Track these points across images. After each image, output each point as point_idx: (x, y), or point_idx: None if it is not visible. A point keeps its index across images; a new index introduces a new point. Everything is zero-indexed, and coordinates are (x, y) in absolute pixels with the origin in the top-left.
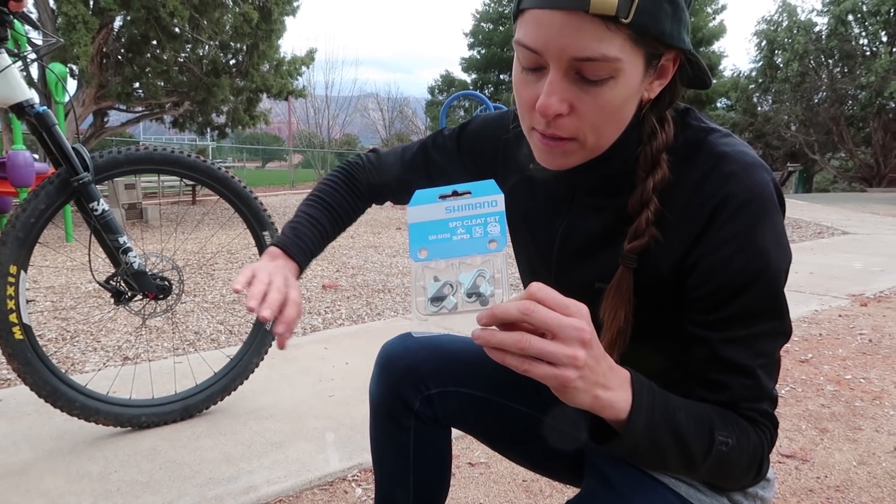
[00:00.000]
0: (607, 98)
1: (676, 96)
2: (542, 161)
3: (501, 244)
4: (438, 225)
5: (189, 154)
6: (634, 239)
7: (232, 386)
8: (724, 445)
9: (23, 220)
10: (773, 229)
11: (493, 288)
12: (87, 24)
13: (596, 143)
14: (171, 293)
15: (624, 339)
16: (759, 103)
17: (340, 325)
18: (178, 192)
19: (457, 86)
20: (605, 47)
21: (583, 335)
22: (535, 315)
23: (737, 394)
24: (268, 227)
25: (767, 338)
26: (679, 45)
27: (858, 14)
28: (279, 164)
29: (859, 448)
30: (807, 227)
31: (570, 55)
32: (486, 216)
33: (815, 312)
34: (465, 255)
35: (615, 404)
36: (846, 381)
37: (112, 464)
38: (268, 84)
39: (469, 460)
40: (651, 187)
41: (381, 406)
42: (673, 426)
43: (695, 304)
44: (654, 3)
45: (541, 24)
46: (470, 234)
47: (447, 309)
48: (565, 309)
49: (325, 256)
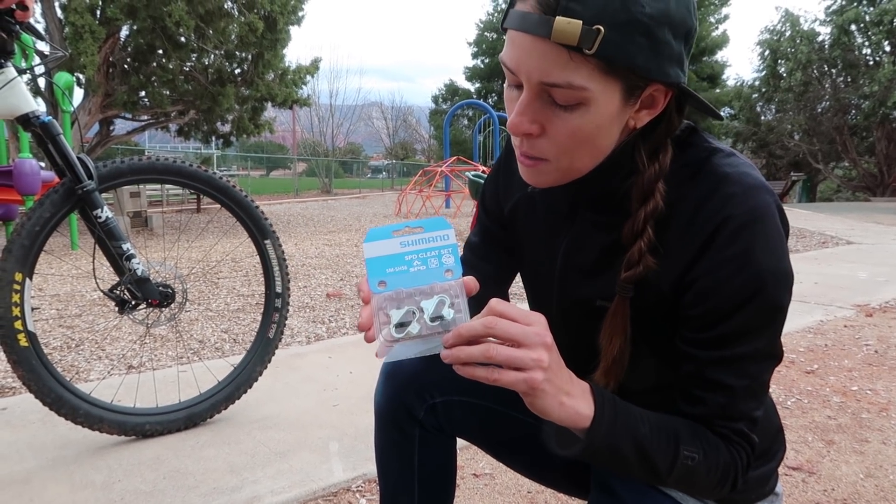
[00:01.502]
0: (576, 124)
1: (674, 127)
2: (523, 176)
3: (457, 273)
4: (395, 259)
5: (191, 164)
6: (629, 268)
7: (236, 394)
8: (690, 460)
9: (28, 229)
10: (772, 252)
11: (454, 312)
12: (94, 34)
13: (570, 167)
14: (175, 301)
15: (621, 368)
16: (763, 112)
17: (345, 335)
18: (183, 200)
19: (460, 95)
20: (570, 76)
21: (545, 339)
22: (498, 328)
23: (712, 410)
24: (269, 235)
25: (755, 360)
26: (660, 78)
27: (861, 24)
28: (283, 172)
29: (866, 460)
30: (811, 236)
31: (537, 78)
32: (440, 248)
33: (820, 323)
34: (423, 284)
35: (579, 411)
36: (852, 392)
37: (116, 473)
38: (272, 93)
39: (473, 471)
40: (643, 218)
41: (385, 415)
42: (635, 438)
43: (688, 322)
44: (623, 36)
45: (515, 45)
46: (426, 265)
47: (412, 334)
48: (525, 319)
49: (330, 265)
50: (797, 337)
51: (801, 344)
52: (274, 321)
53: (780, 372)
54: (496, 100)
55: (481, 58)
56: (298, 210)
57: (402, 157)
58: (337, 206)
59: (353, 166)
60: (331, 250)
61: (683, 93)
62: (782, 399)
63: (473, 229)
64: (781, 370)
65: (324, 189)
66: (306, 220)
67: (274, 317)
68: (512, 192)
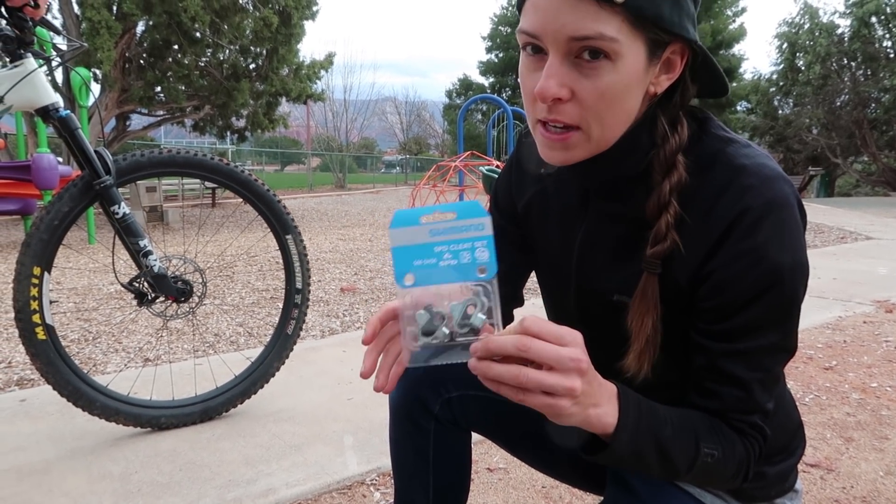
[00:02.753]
0: (606, 82)
1: (688, 96)
2: (545, 156)
3: (491, 271)
4: (423, 249)
5: (212, 157)
6: (656, 244)
7: (252, 389)
8: (710, 457)
9: (47, 223)
10: (789, 245)
11: (484, 317)
12: (111, 30)
13: (601, 135)
14: (192, 296)
15: (654, 349)
16: (780, 106)
17: (359, 329)
18: (199, 194)
19: (474, 89)
20: (602, 26)
21: (580, 365)
22: (532, 351)
23: (728, 404)
24: (291, 230)
25: (769, 353)
26: (681, 32)
27: (882, 16)
28: (298, 167)
29: (886, 458)
30: (829, 231)
31: (567, 34)
32: (474, 240)
33: (838, 319)
34: (453, 282)
35: (602, 419)
36: (872, 389)
37: (133, 464)
38: (287, 88)
39: (488, 465)
40: (668, 190)
41: (400, 409)
42: (658, 440)
43: (703, 314)
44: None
45: (539, 9)
46: (457, 259)
47: (438, 340)
48: (560, 340)
49: (344, 260)
50: (815, 333)
51: (820, 340)
52: (293, 317)
53: (799, 368)
54: (510, 94)
55: (495, 52)
56: (312, 205)
57: (416, 151)
58: (351, 201)
59: (366, 161)
60: (345, 245)
61: (696, 56)
62: (801, 395)
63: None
64: (800, 366)
65: (338, 184)
66: (320, 214)
67: (293, 313)
68: (525, 188)
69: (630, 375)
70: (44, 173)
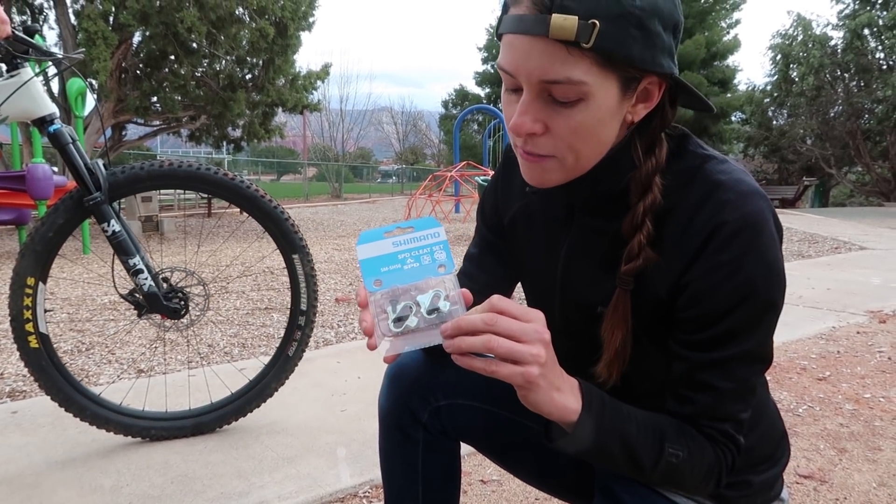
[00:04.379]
0: (579, 119)
1: (667, 120)
2: (526, 177)
3: (450, 267)
4: (388, 258)
5: (216, 170)
6: (629, 261)
7: (247, 408)
8: (675, 458)
9: (41, 234)
10: (764, 258)
11: (450, 305)
12: (107, 40)
13: (575, 163)
14: (187, 312)
15: (623, 360)
16: (775, 117)
17: (353, 339)
18: (195, 204)
19: (470, 100)
20: (569, 71)
21: (543, 336)
22: (499, 325)
23: (699, 411)
24: (298, 249)
25: (744, 362)
26: (654, 69)
27: (875, 28)
28: (294, 176)
29: (879, 469)
30: (823, 241)
31: (537, 77)
32: (432, 245)
33: (832, 329)
34: (418, 279)
35: (567, 406)
36: (865, 399)
37: (124, 477)
38: (283, 98)
39: (481, 477)
40: (641, 211)
41: (389, 418)
42: (622, 434)
43: (681, 324)
44: (617, 29)
45: (513, 48)
46: (419, 262)
47: (410, 327)
48: (525, 316)
49: (339, 270)
50: (809, 343)
51: (814, 350)
52: (296, 339)
53: (792, 379)
54: None
55: (491, 63)
56: (308, 214)
57: (412, 161)
58: (347, 211)
59: (363, 171)
60: (340, 255)
61: (677, 84)
62: (794, 406)
63: (473, 241)
64: (793, 377)
65: (334, 194)
66: (316, 224)
67: (296, 335)
68: (511, 202)
69: (600, 382)
70: (38, 183)
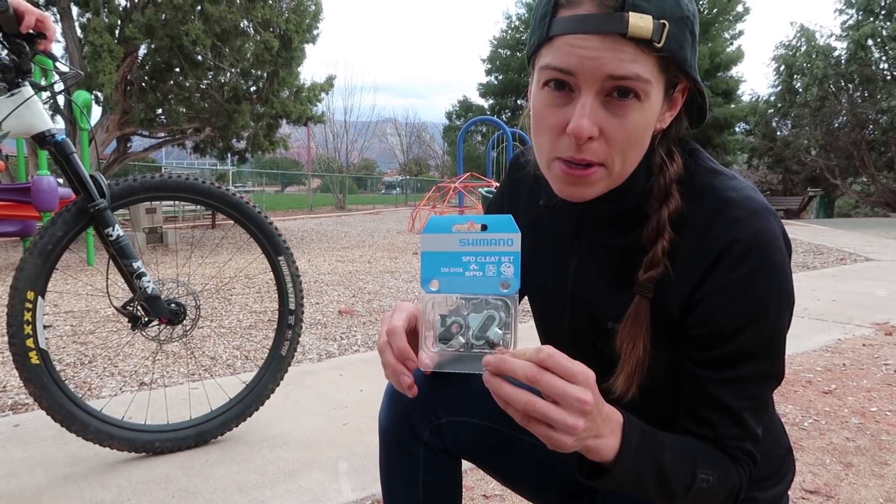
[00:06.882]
0: (634, 121)
1: (682, 129)
2: (563, 193)
3: (514, 287)
4: (451, 257)
5: (204, 181)
6: (651, 268)
7: (247, 412)
8: (706, 483)
9: (40, 247)
10: (775, 276)
11: (501, 332)
12: (112, 53)
13: (621, 170)
14: (186, 318)
15: (642, 370)
16: (779, 128)
17: (356, 352)
18: (198, 216)
19: (474, 111)
20: (639, 68)
21: (585, 406)
22: (542, 384)
23: (722, 433)
24: (283, 252)
25: (757, 380)
26: (694, 74)
27: (878, 39)
28: (298, 188)
29: (886, 484)
30: (828, 253)
31: (606, 73)
32: (501, 255)
33: (837, 342)
34: (475, 293)
35: (602, 450)
36: (871, 413)
37: (125, 491)
38: (287, 110)
39: (484, 492)
40: (665, 216)
41: (389, 435)
42: (658, 467)
43: (693, 341)
44: (680, 31)
45: (576, 48)
46: (483, 271)
47: (454, 348)
48: (572, 377)
49: (342, 282)
50: (814, 356)
51: (819, 363)
52: (287, 338)
53: (798, 392)
54: (510, 116)
55: (495, 74)
56: (312, 226)
57: (416, 172)
58: (351, 222)
59: (367, 182)
60: (343, 266)
61: (699, 92)
62: (799, 420)
63: None
64: (798, 390)
65: (338, 205)
66: (320, 235)
67: (287, 334)
68: (518, 216)
69: (617, 396)
70: (43, 195)
